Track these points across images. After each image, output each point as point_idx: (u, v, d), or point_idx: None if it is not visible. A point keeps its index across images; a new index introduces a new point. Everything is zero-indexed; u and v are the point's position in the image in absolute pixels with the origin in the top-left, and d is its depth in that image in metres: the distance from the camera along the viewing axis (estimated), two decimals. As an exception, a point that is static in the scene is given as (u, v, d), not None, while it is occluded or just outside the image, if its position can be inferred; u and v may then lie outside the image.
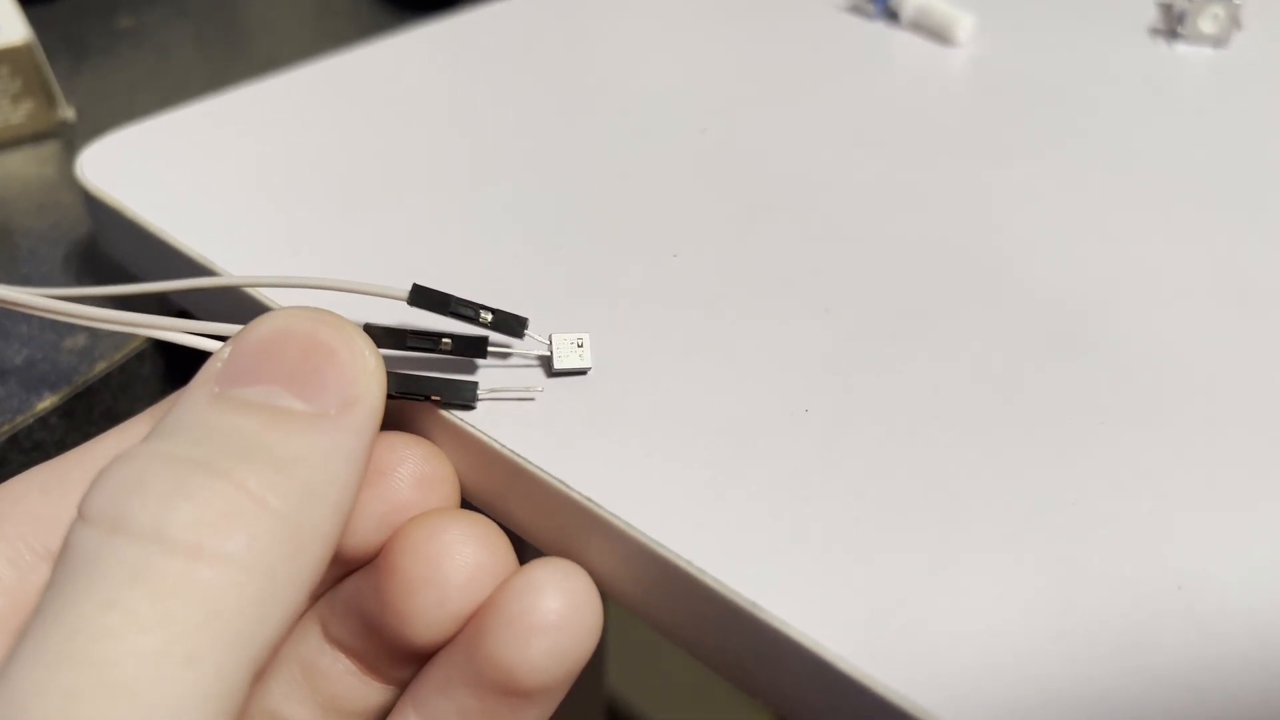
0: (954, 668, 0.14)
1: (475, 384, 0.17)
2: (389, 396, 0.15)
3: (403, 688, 0.17)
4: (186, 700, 0.11)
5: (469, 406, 0.17)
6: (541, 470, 0.17)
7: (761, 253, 0.22)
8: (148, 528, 0.12)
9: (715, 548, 0.16)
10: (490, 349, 0.17)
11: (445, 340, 0.17)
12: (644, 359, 0.19)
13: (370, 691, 0.17)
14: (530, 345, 0.18)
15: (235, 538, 0.12)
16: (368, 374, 0.15)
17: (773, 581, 0.15)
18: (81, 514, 0.13)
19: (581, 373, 0.18)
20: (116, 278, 0.24)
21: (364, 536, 0.16)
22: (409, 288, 0.17)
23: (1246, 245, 0.23)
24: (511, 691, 0.15)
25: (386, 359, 0.16)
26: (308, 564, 0.13)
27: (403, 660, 0.16)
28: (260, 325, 0.15)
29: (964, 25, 0.31)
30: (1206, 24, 0.31)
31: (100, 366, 0.23)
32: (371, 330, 0.16)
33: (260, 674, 0.13)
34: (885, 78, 0.30)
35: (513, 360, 0.18)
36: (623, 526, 0.16)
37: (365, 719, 0.17)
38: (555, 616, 0.15)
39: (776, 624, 0.15)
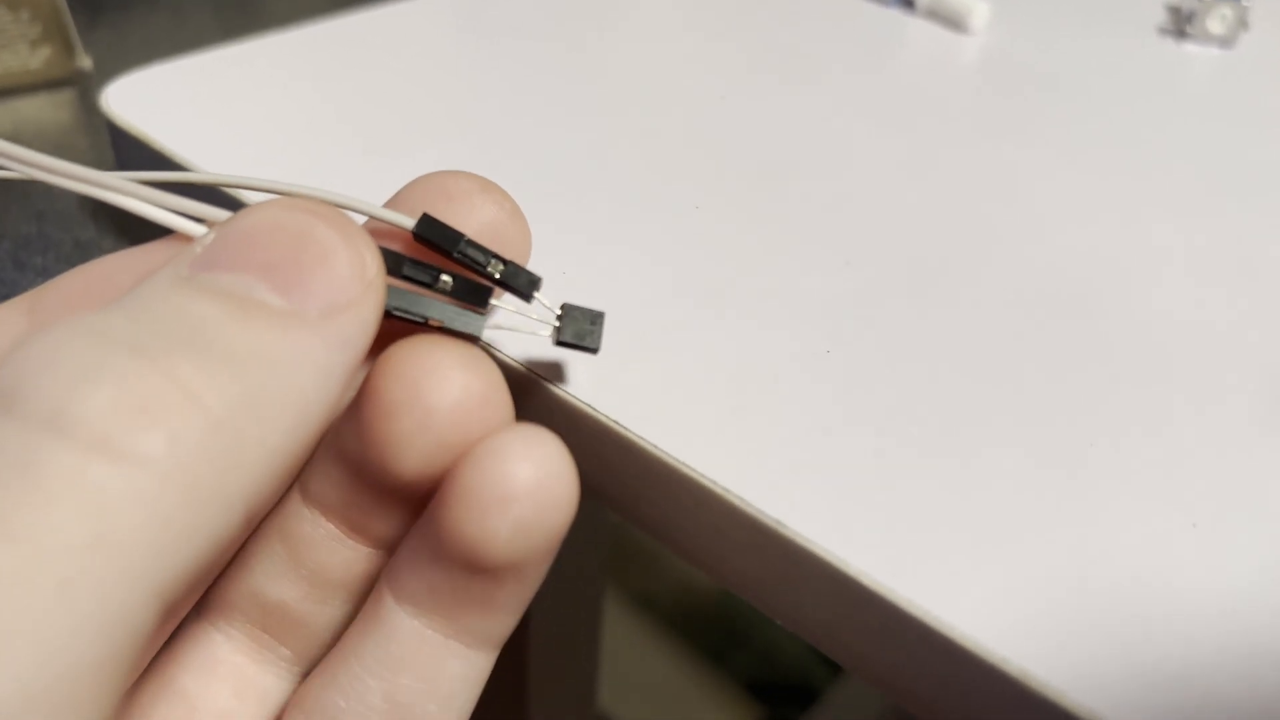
0: (971, 583, 0.14)
1: (484, 315, 0.15)
2: (385, 315, 0.14)
3: (389, 550, 0.15)
4: (49, 639, 0.09)
5: (474, 339, 0.15)
6: (566, 393, 0.17)
7: (780, 210, 0.22)
8: (44, 411, 0.10)
9: (739, 469, 0.16)
10: (493, 304, 0.15)
11: (446, 279, 0.15)
12: (665, 300, 0.19)
13: (356, 557, 0.15)
14: (538, 310, 0.16)
15: (152, 435, 0.10)
16: (364, 283, 0.13)
17: (795, 502, 0.15)
18: None
19: (589, 351, 0.16)
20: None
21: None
22: (418, 216, 0.15)
23: (1250, 228, 0.23)
24: (474, 567, 0.14)
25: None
26: (243, 484, 0.11)
27: (386, 509, 0.15)
28: (252, 212, 0.13)
29: (979, 14, 0.31)
30: (1214, 24, 0.32)
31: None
32: None
33: (174, 610, 0.10)
34: (899, 61, 0.30)
35: (514, 320, 0.17)
36: (648, 447, 0.16)
37: (354, 590, 0.15)
38: (520, 486, 0.13)
39: (800, 540, 0.15)
